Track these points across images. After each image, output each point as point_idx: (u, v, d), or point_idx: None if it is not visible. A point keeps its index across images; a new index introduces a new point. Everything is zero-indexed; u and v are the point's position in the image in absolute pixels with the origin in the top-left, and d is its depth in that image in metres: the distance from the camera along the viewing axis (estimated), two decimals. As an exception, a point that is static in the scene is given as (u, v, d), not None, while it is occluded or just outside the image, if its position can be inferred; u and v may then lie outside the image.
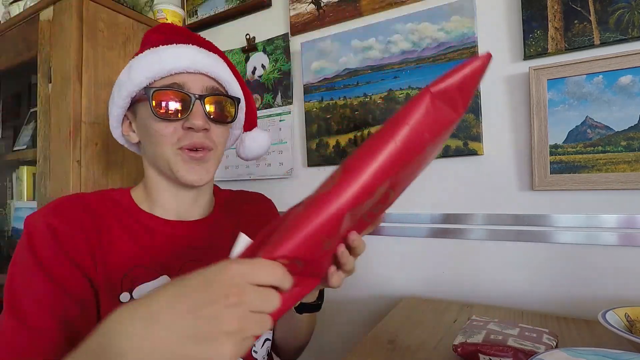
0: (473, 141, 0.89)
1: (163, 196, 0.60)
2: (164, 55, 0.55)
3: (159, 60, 0.54)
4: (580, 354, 0.45)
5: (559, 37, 0.81)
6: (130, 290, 0.52)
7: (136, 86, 0.55)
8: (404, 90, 0.97)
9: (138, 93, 0.56)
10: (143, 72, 0.54)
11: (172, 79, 0.55)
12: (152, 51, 0.56)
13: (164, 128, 0.54)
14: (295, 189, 1.18)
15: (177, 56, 0.55)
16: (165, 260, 0.56)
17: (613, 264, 0.78)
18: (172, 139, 0.55)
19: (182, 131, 0.55)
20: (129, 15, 1.06)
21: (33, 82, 1.31)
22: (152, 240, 0.57)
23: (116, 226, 0.55)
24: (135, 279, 0.53)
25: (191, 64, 0.55)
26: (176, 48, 0.57)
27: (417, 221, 0.97)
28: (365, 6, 1.03)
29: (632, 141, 0.75)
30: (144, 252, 0.55)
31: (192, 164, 0.56)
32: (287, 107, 1.18)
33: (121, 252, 0.53)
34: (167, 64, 0.54)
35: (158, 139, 0.55)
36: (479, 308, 0.83)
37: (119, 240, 0.54)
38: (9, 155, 1.25)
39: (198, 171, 0.57)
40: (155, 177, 0.60)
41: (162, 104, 0.54)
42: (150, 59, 0.55)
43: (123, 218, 0.56)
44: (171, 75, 0.55)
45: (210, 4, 1.31)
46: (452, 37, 0.91)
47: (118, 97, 0.57)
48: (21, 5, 1.15)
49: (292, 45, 1.16)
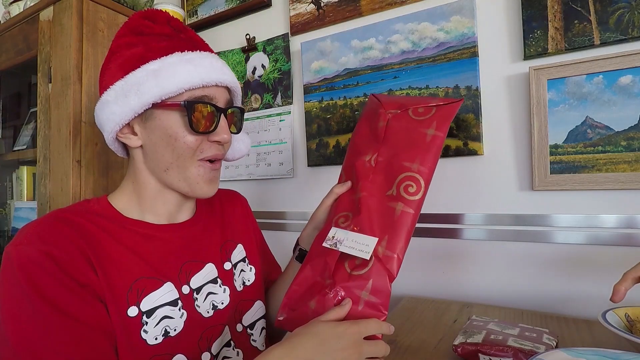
0: (473, 141, 0.89)
1: (156, 202, 0.59)
2: (201, 67, 0.53)
3: (194, 70, 0.53)
4: (580, 354, 0.45)
5: (559, 37, 0.80)
6: (137, 303, 0.50)
7: (166, 94, 0.51)
8: (404, 90, 0.97)
9: (164, 98, 0.52)
10: (176, 79, 0.51)
11: (202, 91, 0.54)
12: (186, 59, 0.53)
13: (194, 141, 0.54)
14: (295, 189, 1.18)
15: (212, 68, 0.54)
16: (166, 266, 0.56)
17: (613, 264, 0.78)
18: (196, 151, 0.55)
19: (207, 143, 0.55)
20: (129, 15, 1.06)
21: (33, 82, 1.31)
22: (149, 247, 0.55)
23: (108, 239, 0.52)
24: (141, 290, 0.51)
25: (221, 76, 0.55)
26: (208, 58, 0.55)
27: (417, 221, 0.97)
28: (365, 6, 1.03)
29: (632, 141, 0.75)
30: (144, 261, 0.53)
31: (212, 177, 0.58)
32: (287, 107, 1.18)
33: (121, 265, 0.51)
34: (203, 76, 0.53)
35: (184, 151, 0.54)
36: (479, 308, 0.83)
37: (115, 254, 0.51)
38: (9, 155, 1.25)
39: (214, 185, 0.59)
40: (153, 184, 0.58)
41: (199, 118, 0.53)
42: (185, 69, 0.52)
43: (113, 230, 0.53)
44: (202, 87, 0.53)
45: (210, 4, 1.31)
46: (452, 37, 0.91)
47: (136, 99, 0.51)
48: (21, 5, 1.15)
49: (292, 45, 1.16)
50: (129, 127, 0.56)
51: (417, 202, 0.54)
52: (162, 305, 0.53)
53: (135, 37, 0.55)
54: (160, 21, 0.56)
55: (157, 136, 0.54)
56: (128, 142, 0.56)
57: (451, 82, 0.91)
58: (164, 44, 0.54)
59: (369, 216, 0.54)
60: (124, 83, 0.53)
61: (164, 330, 0.52)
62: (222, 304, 0.60)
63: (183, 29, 0.58)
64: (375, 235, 0.52)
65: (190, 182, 0.56)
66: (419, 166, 0.55)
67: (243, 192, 1.25)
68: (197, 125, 0.53)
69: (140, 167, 0.58)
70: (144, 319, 0.50)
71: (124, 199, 0.59)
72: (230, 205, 0.74)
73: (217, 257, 0.63)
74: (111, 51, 0.57)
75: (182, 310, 0.54)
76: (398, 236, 0.52)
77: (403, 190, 0.54)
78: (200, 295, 0.58)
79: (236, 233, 0.70)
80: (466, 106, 0.90)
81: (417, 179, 0.54)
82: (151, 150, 0.55)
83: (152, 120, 0.54)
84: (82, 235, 0.49)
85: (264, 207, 1.22)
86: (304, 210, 1.16)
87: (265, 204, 1.23)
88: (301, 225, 1.18)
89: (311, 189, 1.15)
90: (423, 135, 0.57)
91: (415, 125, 0.59)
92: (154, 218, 0.59)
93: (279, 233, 1.18)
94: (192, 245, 0.61)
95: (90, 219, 0.53)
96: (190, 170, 0.55)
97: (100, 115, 0.56)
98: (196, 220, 0.65)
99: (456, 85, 0.91)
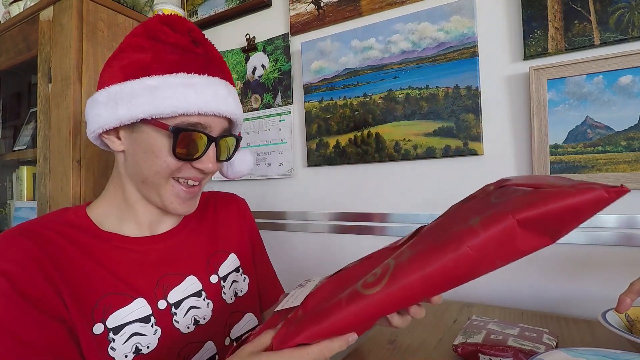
0: (473, 141, 0.89)
1: (137, 210, 0.57)
2: (202, 94, 0.51)
3: (194, 97, 0.50)
4: (580, 354, 0.45)
5: (559, 37, 0.80)
6: (102, 320, 0.49)
7: (158, 113, 0.49)
8: (404, 90, 0.97)
9: (155, 117, 0.50)
10: (172, 102, 0.49)
11: (197, 118, 0.51)
12: (189, 83, 0.50)
13: (175, 163, 0.52)
14: (295, 189, 1.18)
15: (214, 97, 0.52)
16: (139, 280, 0.53)
17: (613, 264, 0.78)
18: (174, 171, 0.53)
19: (188, 166, 0.54)
20: (129, 15, 1.06)
21: (33, 82, 1.31)
22: (122, 261, 0.53)
23: (76, 253, 0.50)
24: (107, 307, 0.49)
25: (222, 106, 0.53)
26: (214, 86, 0.53)
27: (417, 221, 0.97)
28: (365, 6, 1.03)
29: (632, 141, 0.75)
30: (114, 276, 0.51)
31: (187, 197, 0.55)
32: (287, 107, 1.18)
33: (88, 280, 0.49)
34: (201, 104, 0.50)
35: (162, 169, 0.52)
36: (479, 308, 0.83)
37: (83, 268, 0.49)
38: (9, 155, 1.25)
39: (190, 204, 0.57)
40: (134, 192, 0.56)
41: (183, 145, 0.51)
42: (184, 93, 0.50)
43: (83, 242, 0.51)
44: (198, 114, 0.51)
45: (210, 4, 1.31)
46: (452, 37, 0.91)
47: (125, 109, 0.50)
48: (21, 5, 1.15)
49: (292, 45, 1.16)
50: (114, 131, 0.54)
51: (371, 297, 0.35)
52: (132, 321, 0.51)
53: (148, 41, 0.52)
54: (180, 30, 0.53)
55: (140, 148, 0.52)
56: (111, 145, 0.55)
57: (451, 82, 0.91)
58: (173, 58, 0.51)
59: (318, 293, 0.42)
60: (119, 89, 0.51)
61: (134, 347, 0.50)
62: (203, 319, 0.58)
63: (202, 41, 0.55)
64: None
65: (163, 200, 0.54)
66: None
67: (243, 192, 1.26)
68: (181, 153, 0.51)
69: (121, 171, 0.56)
70: (111, 336, 0.49)
71: (103, 205, 0.57)
72: (225, 211, 0.71)
73: (202, 269, 0.61)
74: (120, 47, 0.54)
75: (156, 327, 0.52)
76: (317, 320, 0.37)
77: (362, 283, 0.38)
78: (180, 309, 0.55)
79: (229, 242, 0.68)
80: (466, 106, 0.90)
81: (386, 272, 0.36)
82: (132, 158, 0.54)
83: (138, 132, 0.52)
84: (45, 249, 0.47)
85: (264, 207, 1.22)
86: (303, 210, 1.16)
87: (265, 204, 1.23)
88: (301, 225, 1.19)
89: (311, 189, 1.15)
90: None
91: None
92: (135, 227, 0.57)
93: (279, 233, 1.18)
94: (173, 257, 0.58)
95: (59, 230, 0.51)
96: (164, 187, 0.54)
97: (88, 111, 0.55)
98: (179, 230, 0.62)
99: (456, 85, 0.91)
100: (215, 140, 0.54)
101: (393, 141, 0.99)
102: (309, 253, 1.15)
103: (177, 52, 0.52)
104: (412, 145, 0.97)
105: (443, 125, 0.93)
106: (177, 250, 0.60)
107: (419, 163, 0.98)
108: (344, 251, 1.10)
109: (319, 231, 1.13)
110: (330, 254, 1.12)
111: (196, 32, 0.55)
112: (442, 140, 0.93)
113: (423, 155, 0.95)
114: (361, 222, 1.06)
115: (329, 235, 1.12)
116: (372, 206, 1.05)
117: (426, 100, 0.95)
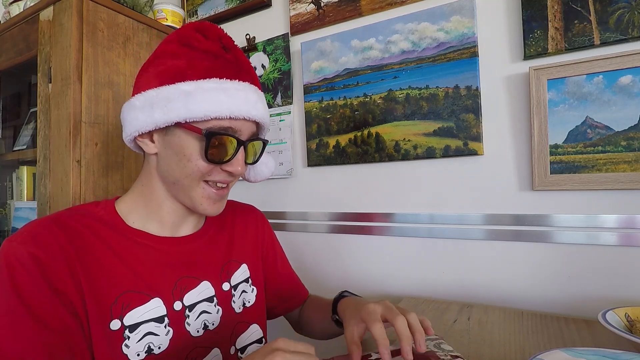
0: (473, 141, 0.89)
1: (162, 209, 0.58)
2: (234, 99, 0.53)
3: (227, 101, 0.52)
4: (580, 354, 0.45)
5: (559, 37, 0.80)
6: (120, 317, 0.50)
7: (191, 117, 0.51)
8: (404, 90, 0.97)
9: (189, 121, 0.52)
10: (205, 107, 0.51)
11: (229, 122, 0.53)
12: (222, 87, 0.52)
13: (206, 166, 0.54)
14: (295, 189, 1.18)
15: (244, 102, 0.54)
16: (158, 281, 0.54)
17: (613, 264, 0.78)
18: (205, 174, 0.55)
19: (218, 169, 0.55)
20: (129, 15, 1.06)
21: (33, 82, 1.31)
22: (144, 259, 0.55)
23: (101, 248, 0.52)
24: (126, 304, 0.51)
25: (252, 111, 0.54)
26: (245, 91, 0.54)
27: (417, 221, 0.97)
28: (365, 6, 1.03)
29: (632, 141, 0.75)
30: (135, 274, 0.53)
31: (217, 198, 0.57)
32: (287, 107, 1.18)
33: (110, 276, 0.51)
34: (233, 108, 0.52)
35: (193, 172, 0.54)
36: (478, 308, 0.83)
37: (107, 264, 0.51)
38: (9, 155, 1.25)
39: (219, 205, 0.59)
40: (162, 191, 0.58)
41: (216, 149, 0.53)
42: (217, 98, 0.52)
43: (110, 238, 0.53)
44: (229, 119, 0.53)
45: (210, 4, 1.31)
46: (452, 37, 0.91)
47: (161, 113, 0.52)
48: (21, 5, 1.15)
49: (292, 45, 1.16)
50: (149, 134, 0.56)
51: None
52: (147, 321, 0.52)
53: (182, 47, 0.54)
54: (211, 37, 0.55)
55: (173, 151, 0.54)
56: (145, 147, 0.57)
57: (451, 82, 0.91)
58: (206, 64, 0.53)
59: None
60: (156, 94, 0.53)
61: (147, 347, 0.51)
62: (212, 325, 0.59)
63: (232, 47, 0.57)
64: None
65: (194, 201, 0.56)
66: None
67: (243, 192, 1.26)
68: (212, 156, 0.53)
69: (152, 172, 0.58)
70: (126, 333, 0.50)
71: (130, 201, 0.59)
72: (243, 222, 0.73)
73: (216, 276, 0.62)
74: (155, 54, 0.56)
75: (168, 328, 0.53)
76: None
77: None
78: (193, 313, 0.57)
79: (242, 252, 0.70)
80: (466, 106, 0.90)
81: None
82: (164, 161, 0.56)
83: (171, 136, 0.54)
84: (74, 243, 0.50)
85: (264, 207, 1.22)
86: (303, 210, 1.16)
87: (265, 204, 1.23)
88: (301, 225, 1.19)
89: (311, 189, 1.15)
90: None
91: None
92: (158, 226, 0.58)
93: (279, 233, 1.18)
94: (192, 260, 0.60)
95: (88, 224, 0.53)
96: (195, 190, 0.56)
97: (125, 115, 0.57)
98: (201, 234, 0.64)
99: (456, 85, 0.91)
100: (244, 143, 0.56)
101: (393, 141, 0.99)
102: (309, 253, 1.15)
103: (209, 59, 0.54)
104: (412, 145, 0.97)
105: (443, 125, 0.93)
106: (197, 255, 0.61)
107: (419, 163, 0.98)
108: (343, 251, 1.10)
109: (319, 231, 1.13)
110: (330, 254, 1.12)
111: (226, 38, 0.57)
112: (442, 140, 0.93)
113: (423, 155, 0.95)
114: (361, 222, 1.06)
115: (329, 235, 1.12)
116: (372, 206, 1.05)
117: (426, 100, 0.95)
